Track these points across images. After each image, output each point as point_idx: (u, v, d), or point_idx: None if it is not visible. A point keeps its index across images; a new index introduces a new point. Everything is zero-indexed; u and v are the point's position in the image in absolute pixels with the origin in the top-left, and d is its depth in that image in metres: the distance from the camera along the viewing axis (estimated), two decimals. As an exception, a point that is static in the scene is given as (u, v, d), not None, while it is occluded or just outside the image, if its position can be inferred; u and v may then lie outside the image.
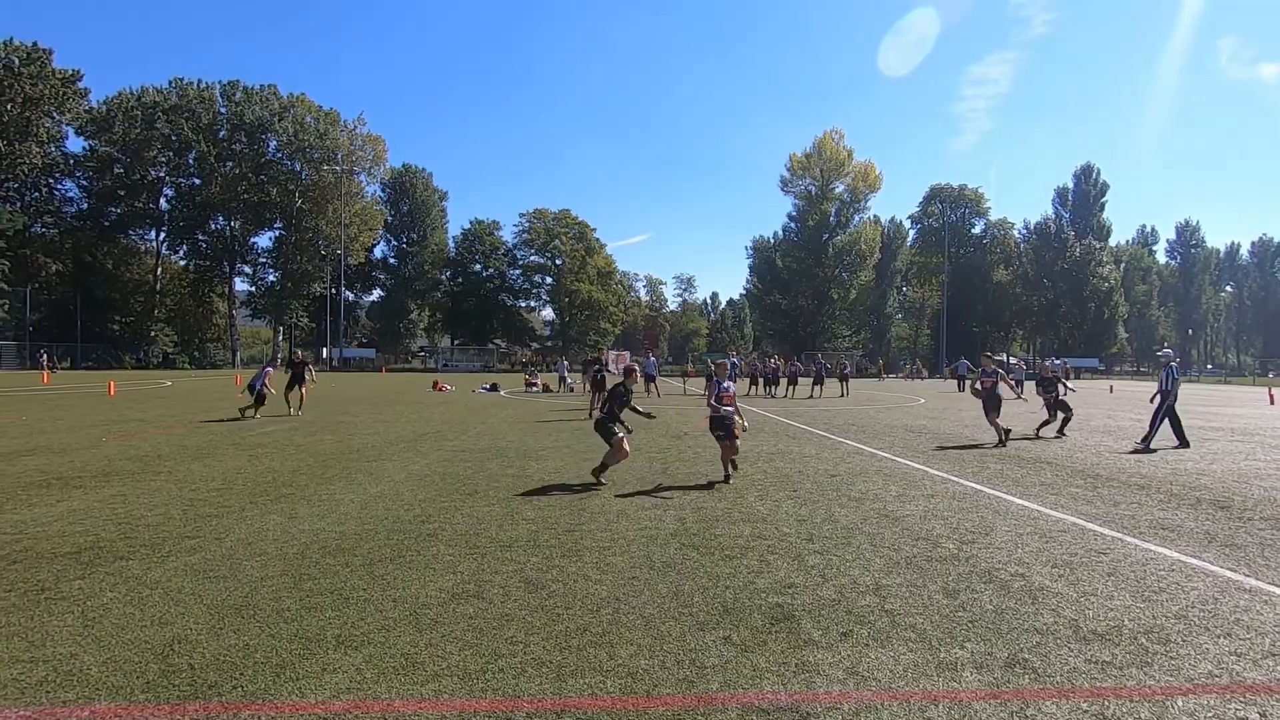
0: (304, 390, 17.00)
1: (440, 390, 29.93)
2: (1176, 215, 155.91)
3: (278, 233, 69.50)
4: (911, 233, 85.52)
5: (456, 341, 78.54)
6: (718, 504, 7.21)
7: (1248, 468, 10.07)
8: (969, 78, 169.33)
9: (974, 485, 8.46)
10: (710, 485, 8.28)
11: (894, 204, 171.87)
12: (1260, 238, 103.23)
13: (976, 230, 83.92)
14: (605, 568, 5.00)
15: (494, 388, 30.34)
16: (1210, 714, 3.04)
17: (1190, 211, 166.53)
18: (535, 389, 29.10)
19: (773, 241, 77.36)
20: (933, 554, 5.42)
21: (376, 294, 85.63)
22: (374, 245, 79.90)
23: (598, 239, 79.04)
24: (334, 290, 68.39)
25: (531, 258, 78.97)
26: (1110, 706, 3.06)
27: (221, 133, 65.30)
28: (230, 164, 64.59)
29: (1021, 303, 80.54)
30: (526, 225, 76.99)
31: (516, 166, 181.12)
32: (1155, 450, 11.81)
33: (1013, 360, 75.70)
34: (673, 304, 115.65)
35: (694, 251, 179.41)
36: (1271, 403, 26.75)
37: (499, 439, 12.76)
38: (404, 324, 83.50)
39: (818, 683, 3.25)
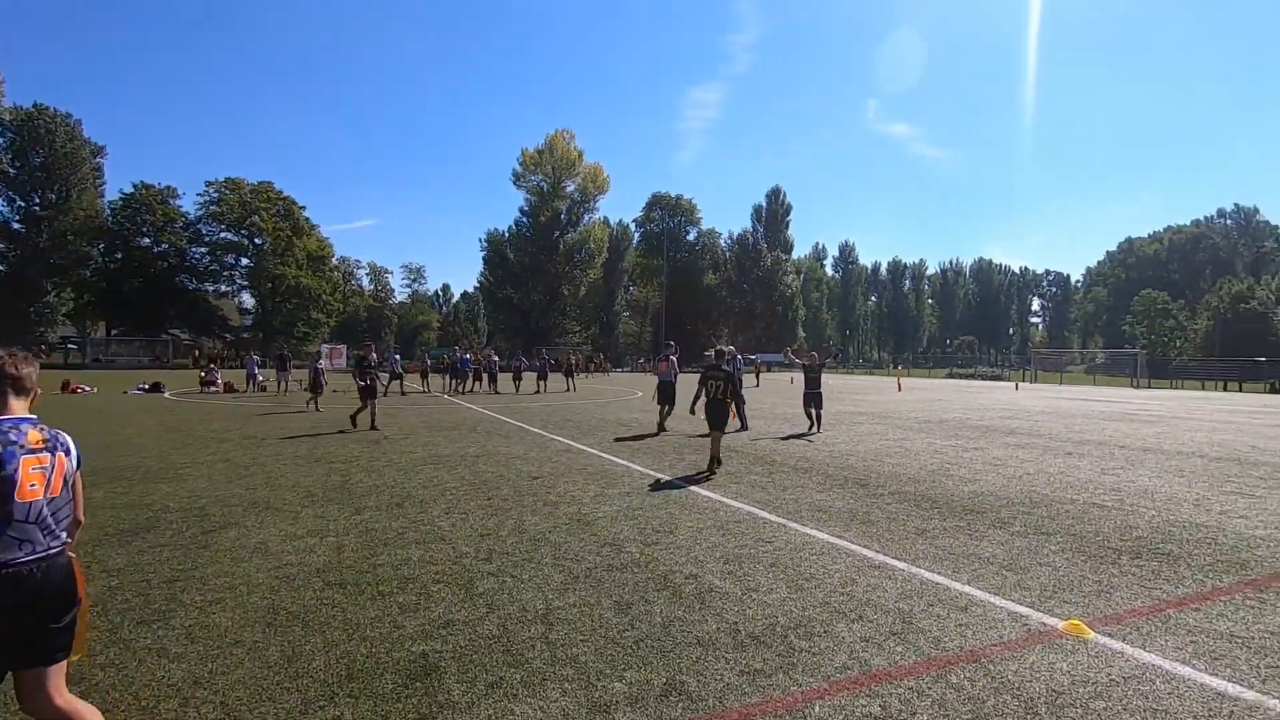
0: None
1: (75, 392, 23.61)
2: (839, 236, 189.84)
3: None
4: (636, 235, 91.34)
5: (116, 331, 63.67)
6: (393, 522, 6.22)
7: (881, 447, 11.95)
8: (689, 100, 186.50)
9: (666, 478, 8.64)
10: (402, 503, 7.22)
11: (624, 208, 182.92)
12: (893, 259, 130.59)
13: (691, 237, 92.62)
14: (199, 634, 3.76)
15: (155, 388, 24.74)
16: (841, 715, 3.01)
17: (849, 233, 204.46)
18: (215, 389, 24.43)
19: (506, 235, 76.61)
20: (615, 561, 5.13)
21: (-8, 268, 65.73)
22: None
23: (308, 218, 70.09)
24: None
25: (223, 234, 66.89)
26: (755, 730, 2.87)
27: None
28: None
29: (727, 304, 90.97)
30: (215, 196, 64.89)
31: (209, 132, 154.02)
32: (810, 435, 13.54)
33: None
34: (401, 295, 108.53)
35: (426, 241, 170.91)
36: (899, 390, 33.49)
37: (123, 456, 10.05)
38: (36, 307, 65.31)
39: (437, 769, 2.56)
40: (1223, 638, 3.91)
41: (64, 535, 2.34)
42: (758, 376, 39.01)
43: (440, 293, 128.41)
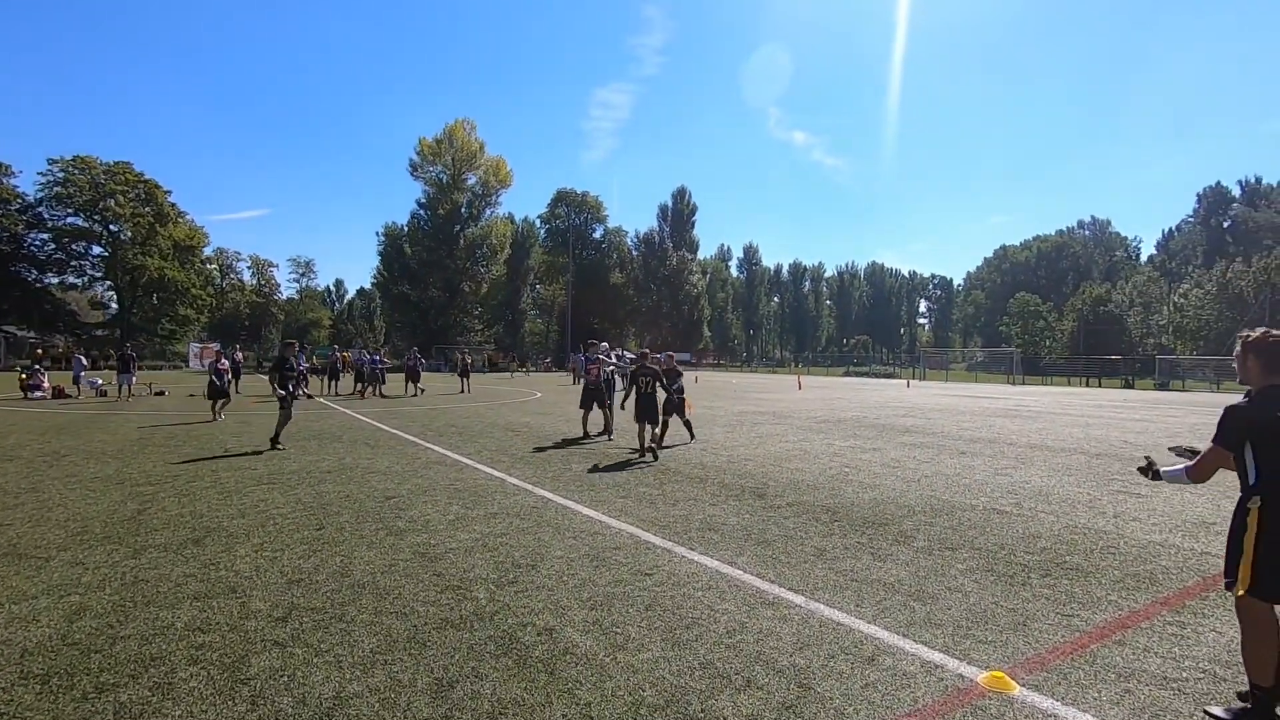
0: None
1: None
2: (744, 238, 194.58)
3: None
4: (542, 232, 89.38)
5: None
6: (177, 567, 4.88)
7: (781, 450, 11.43)
8: (596, 100, 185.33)
9: (545, 494, 7.62)
10: (201, 540, 5.81)
11: (530, 205, 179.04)
12: (794, 261, 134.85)
13: (597, 235, 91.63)
14: None
15: (-36, 394, 21.18)
16: None
17: (753, 236, 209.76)
18: (40, 394, 21.12)
19: (404, 229, 72.85)
20: (453, 613, 4.08)
21: None
22: None
23: (174, 204, 63.55)
24: None
25: (69, 219, 59.37)
26: None
27: None
28: None
29: (633, 303, 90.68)
30: (60, 175, 57.43)
31: (55, 101, 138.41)
32: (696, 440, 12.91)
33: (627, 354, 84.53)
34: (288, 290, 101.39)
35: (321, 235, 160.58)
36: (800, 388, 33.94)
37: None
38: None
39: None
40: (1156, 682, 3.35)
41: None
42: (662, 376, 38.51)
43: (333, 289, 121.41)
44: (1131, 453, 11.28)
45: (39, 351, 40.34)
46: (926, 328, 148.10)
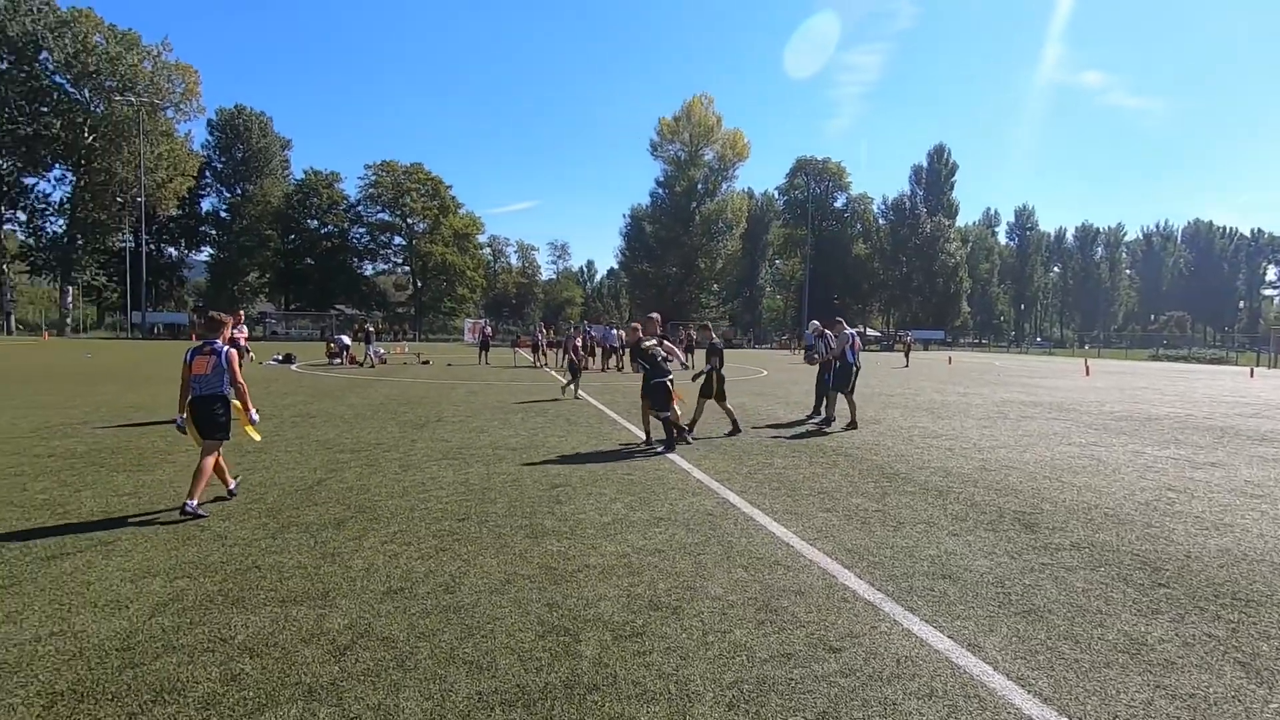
0: None
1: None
2: (1016, 200, 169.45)
3: (63, 173, 58.42)
4: (780, 204, 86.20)
5: (293, 306, 70.52)
6: (299, 555, 4.43)
7: (1060, 457, 8.62)
8: (842, 64, 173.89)
9: (730, 496, 6.23)
10: (342, 523, 5.47)
11: (768, 180, 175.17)
12: (1082, 224, 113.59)
13: (839, 204, 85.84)
14: None
15: (287, 359, 25.85)
16: None
17: (1027, 197, 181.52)
18: (339, 362, 25.01)
19: (646, 208, 75.29)
20: (536, 679, 2.93)
21: (208, 253, 75.36)
22: (199, 196, 69.72)
23: (453, 197, 73.01)
24: (137, 244, 58.53)
25: (379, 215, 71.62)
26: None
27: (-19, 48, 53.47)
28: (-7, 86, 53.04)
29: (879, 276, 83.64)
30: (372, 178, 69.44)
31: (375, 127, 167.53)
32: (952, 440, 10.34)
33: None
34: (548, 272, 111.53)
35: (577, 220, 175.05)
36: (1087, 374, 27.77)
37: (164, 432, 9.27)
38: (238, 286, 74.03)
39: None
40: None
41: (219, 387, 5.41)
42: (907, 355, 34.40)
43: (585, 269, 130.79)
44: None
45: (355, 327, 48.95)
46: (1277, 301, 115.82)
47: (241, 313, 14.29)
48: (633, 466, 7.52)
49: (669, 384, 8.58)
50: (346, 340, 26.69)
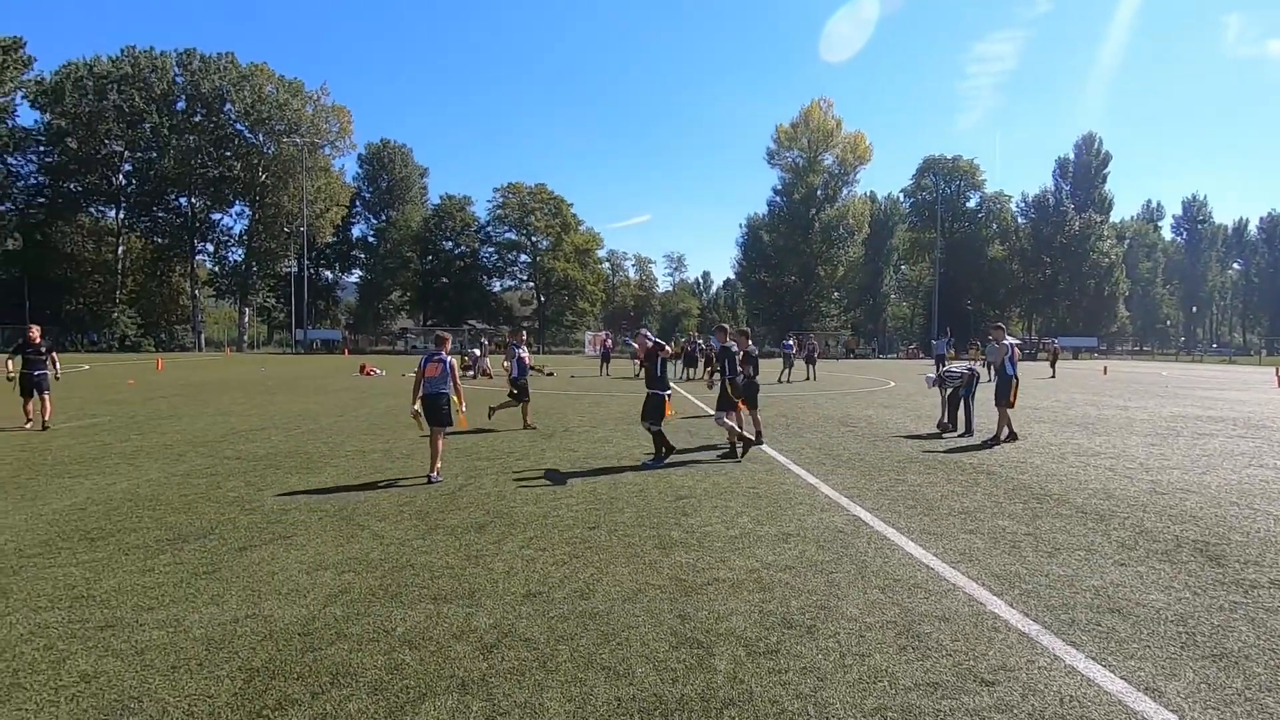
0: (46, 395, 11.10)
1: (367, 374, 27.44)
2: (1183, 191, 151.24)
3: (242, 208, 66.61)
4: (906, 206, 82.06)
5: (430, 322, 75.84)
6: (447, 556, 4.75)
7: (1250, 480, 7.58)
8: (973, 55, 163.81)
9: (861, 513, 5.99)
10: (484, 526, 5.80)
11: (893, 183, 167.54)
12: (1269, 213, 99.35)
13: (971, 204, 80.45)
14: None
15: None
16: None
17: (1197, 187, 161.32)
18: (472, 375, 26.51)
19: (764, 218, 74.29)
20: (673, 689, 2.96)
21: (358, 275, 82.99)
22: (350, 224, 76.92)
23: (574, 214, 75.73)
24: (300, 269, 65.46)
25: (506, 234, 75.71)
26: None
27: (179, 104, 62.07)
28: (189, 136, 61.37)
29: (1018, 280, 77.45)
30: (500, 200, 73.61)
31: (501, 150, 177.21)
32: (1115, 456, 9.33)
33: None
34: (664, 284, 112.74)
35: (692, 231, 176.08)
36: (1279, 385, 24.21)
37: (327, 438, 10.27)
38: (383, 305, 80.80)
39: None
40: None
41: (443, 387, 7.30)
42: (1053, 364, 31.51)
43: (700, 280, 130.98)
44: None
45: (484, 341, 51.83)
46: None
47: (524, 333, 15.50)
48: (757, 480, 7.42)
49: (666, 399, 8.42)
50: (477, 352, 28.21)
